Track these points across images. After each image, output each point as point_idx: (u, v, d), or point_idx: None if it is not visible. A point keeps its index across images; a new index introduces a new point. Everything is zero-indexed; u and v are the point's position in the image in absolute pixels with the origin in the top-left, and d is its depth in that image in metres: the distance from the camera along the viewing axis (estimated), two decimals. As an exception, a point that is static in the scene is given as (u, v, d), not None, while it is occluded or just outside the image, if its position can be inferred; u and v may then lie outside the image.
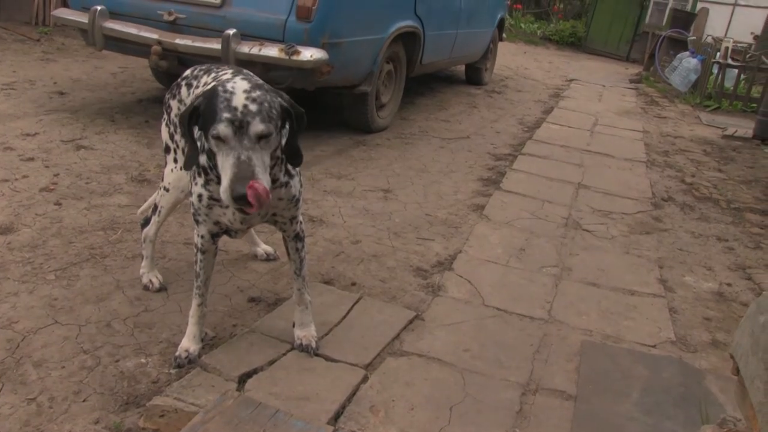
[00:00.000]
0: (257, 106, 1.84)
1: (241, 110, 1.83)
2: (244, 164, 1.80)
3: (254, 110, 1.84)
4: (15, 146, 4.30)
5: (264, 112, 1.85)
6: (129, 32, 4.78)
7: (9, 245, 3.05)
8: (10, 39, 7.37)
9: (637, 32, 15.40)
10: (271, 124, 1.85)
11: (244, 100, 1.84)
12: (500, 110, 7.65)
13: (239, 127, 1.82)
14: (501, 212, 4.18)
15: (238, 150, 1.82)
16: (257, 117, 1.83)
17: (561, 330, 2.87)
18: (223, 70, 2.41)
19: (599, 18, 16.15)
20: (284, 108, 1.95)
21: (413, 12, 5.72)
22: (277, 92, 1.97)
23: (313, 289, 2.81)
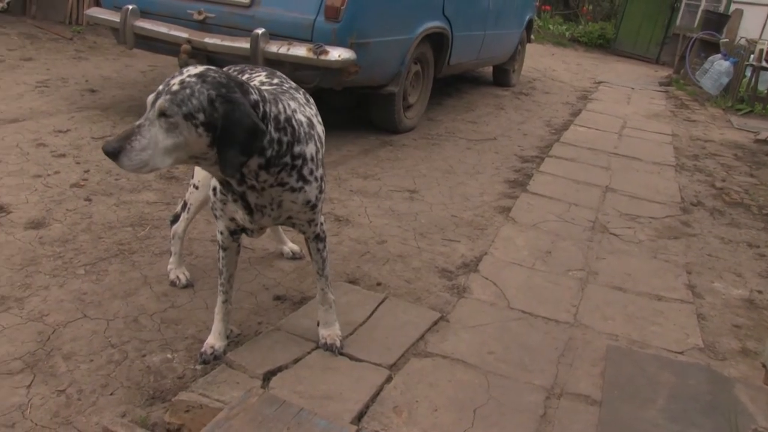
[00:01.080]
0: (178, 87, 1.81)
1: (166, 88, 1.82)
2: (131, 128, 1.80)
3: (172, 90, 1.81)
4: (48, 142, 4.37)
5: (179, 96, 1.80)
6: (159, 31, 4.84)
7: (41, 239, 3.10)
8: (45, 38, 7.49)
9: (668, 34, 15.21)
10: (178, 108, 1.79)
11: (177, 82, 1.83)
12: (527, 112, 7.60)
13: (155, 100, 1.82)
14: (527, 214, 4.15)
15: (143, 118, 1.82)
16: (168, 96, 1.80)
17: (586, 334, 2.84)
18: (257, 72, 2.42)
19: (629, 20, 16.00)
20: (214, 106, 1.82)
21: (441, 13, 5.71)
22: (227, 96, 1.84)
23: (338, 288, 2.81)
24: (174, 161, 1.86)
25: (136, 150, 1.77)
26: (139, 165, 1.78)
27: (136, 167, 1.79)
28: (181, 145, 1.82)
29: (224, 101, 1.83)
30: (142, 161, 1.78)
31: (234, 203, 2.14)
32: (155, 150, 1.79)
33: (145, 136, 1.78)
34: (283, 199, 2.13)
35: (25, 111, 4.99)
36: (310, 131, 2.15)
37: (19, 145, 4.25)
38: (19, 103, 5.15)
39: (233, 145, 1.84)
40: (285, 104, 2.05)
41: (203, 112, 1.81)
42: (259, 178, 2.02)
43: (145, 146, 1.78)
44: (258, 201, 2.10)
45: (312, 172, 2.14)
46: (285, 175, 2.06)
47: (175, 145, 1.82)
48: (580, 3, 19.56)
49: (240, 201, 2.11)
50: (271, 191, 2.08)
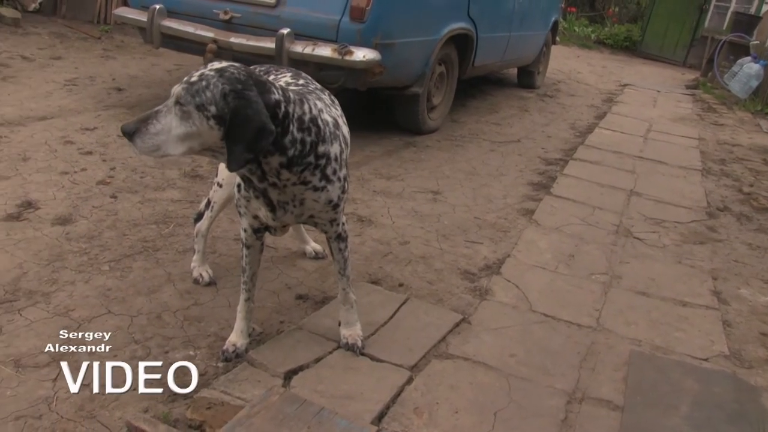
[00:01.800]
0: (196, 79, 1.86)
1: (186, 78, 1.88)
2: (150, 112, 1.86)
3: (191, 81, 1.86)
4: (75, 140, 4.43)
5: (195, 87, 1.85)
6: (186, 30, 4.88)
7: (67, 235, 3.14)
8: (74, 37, 7.59)
9: (695, 37, 15.02)
10: (192, 98, 1.84)
11: (197, 74, 1.87)
12: (552, 114, 7.56)
13: (174, 91, 1.87)
14: (551, 217, 4.13)
15: (162, 105, 1.87)
16: (185, 85, 1.85)
17: (609, 339, 2.81)
18: (282, 73, 2.44)
19: (656, 22, 15.83)
20: (226, 100, 1.84)
21: (466, 14, 5.69)
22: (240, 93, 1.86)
23: (360, 288, 2.82)
24: (187, 150, 1.90)
25: (151, 133, 1.83)
26: (152, 148, 1.84)
27: (149, 150, 1.85)
28: (193, 134, 1.87)
29: (236, 97, 1.85)
30: (155, 145, 1.84)
31: (257, 200, 2.15)
32: (168, 136, 1.84)
33: (161, 121, 1.84)
34: (305, 198, 2.13)
35: (53, 109, 5.06)
36: (336, 131, 2.16)
37: (47, 143, 4.30)
38: (48, 101, 5.22)
39: (240, 141, 1.86)
40: (311, 104, 2.06)
41: (215, 105, 1.84)
42: (281, 176, 2.03)
43: (159, 131, 1.84)
44: (280, 198, 2.11)
45: (335, 171, 2.14)
46: (308, 174, 2.07)
47: (187, 134, 1.86)
48: (606, 5, 19.39)
49: (262, 198, 2.13)
50: (293, 189, 2.09)
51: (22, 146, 4.18)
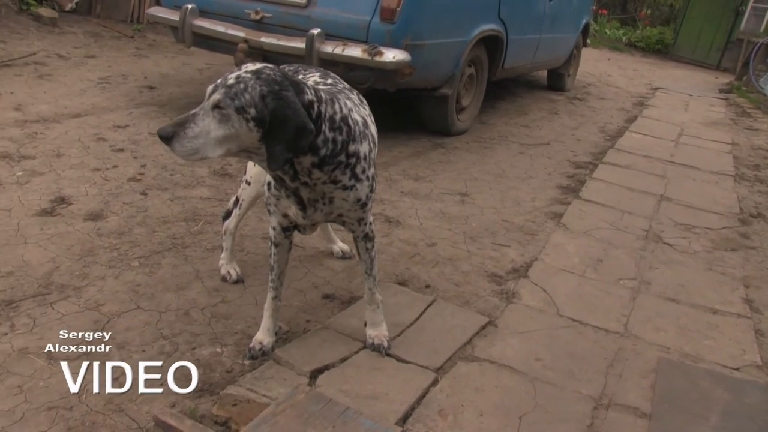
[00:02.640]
0: (234, 82, 1.86)
1: (222, 80, 1.88)
2: (187, 116, 1.85)
3: (228, 84, 1.86)
4: (107, 137, 4.49)
5: (233, 90, 1.85)
6: (217, 30, 4.92)
7: (98, 231, 3.19)
8: (108, 36, 7.70)
9: (731, 39, 14.76)
10: (231, 101, 1.84)
11: (233, 77, 1.88)
12: (581, 117, 7.49)
13: (212, 92, 1.87)
14: (579, 221, 4.09)
15: (199, 108, 1.87)
16: (223, 89, 1.85)
17: (637, 345, 2.78)
18: (311, 72, 2.45)
19: (689, 24, 15.60)
20: (265, 101, 1.86)
21: (497, 15, 5.66)
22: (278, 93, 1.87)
23: (386, 289, 2.82)
24: (225, 152, 1.90)
25: (189, 137, 1.83)
26: (190, 152, 1.84)
27: (187, 153, 1.85)
28: (231, 136, 1.87)
29: (275, 98, 1.86)
30: (193, 148, 1.84)
31: (287, 199, 2.16)
32: (206, 139, 1.84)
33: (199, 124, 1.84)
34: (334, 197, 2.14)
35: (87, 106, 5.13)
36: (365, 130, 2.17)
37: (80, 140, 4.37)
38: (81, 99, 5.30)
39: (280, 141, 1.88)
40: (341, 104, 2.07)
41: (254, 107, 1.85)
42: (312, 176, 2.04)
43: (197, 134, 1.83)
44: (310, 197, 2.13)
45: (364, 170, 2.15)
46: (339, 173, 2.08)
47: (226, 137, 1.86)
48: (638, 7, 19.19)
49: (293, 196, 2.14)
50: (323, 188, 2.10)
51: (57, 143, 4.25)
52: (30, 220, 3.22)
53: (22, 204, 3.36)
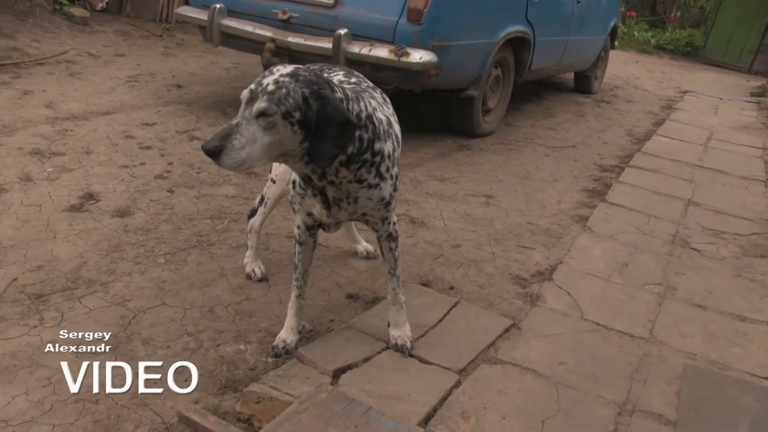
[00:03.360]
0: (274, 87, 1.85)
1: (261, 87, 1.85)
2: (229, 127, 1.82)
3: (269, 90, 1.84)
4: (135, 135, 4.54)
5: (277, 95, 1.83)
6: (245, 30, 4.96)
7: (125, 227, 3.22)
8: (137, 35, 7.79)
9: (763, 42, 14.49)
10: (277, 107, 1.83)
11: (271, 81, 1.86)
12: (608, 120, 7.42)
13: (251, 98, 1.84)
14: (605, 225, 4.05)
15: (239, 117, 1.85)
16: (266, 96, 1.83)
17: (662, 351, 2.74)
18: (335, 71, 2.45)
19: (720, 26, 15.35)
20: (308, 103, 1.87)
21: (524, 17, 5.63)
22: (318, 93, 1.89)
23: (410, 290, 2.81)
24: (269, 159, 1.91)
25: (236, 149, 1.80)
26: (238, 163, 1.82)
27: (236, 165, 1.83)
28: (276, 143, 1.87)
29: (317, 98, 1.87)
30: (241, 159, 1.82)
31: (312, 198, 2.17)
32: (253, 148, 1.83)
33: (244, 134, 1.82)
34: (359, 196, 2.15)
35: (115, 104, 5.20)
36: (389, 129, 2.18)
37: (109, 137, 4.43)
38: (110, 97, 5.37)
39: (327, 139, 1.88)
40: (366, 102, 2.08)
41: (299, 110, 1.86)
42: (339, 174, 2.05)
43: (243, 144, 1.81)
44: (335, 195, 2.14)
45: (388, 169, 2.16)
46: (364, 172, 2.09)
47: (271, 144, 1.86)
48: (668, 9, 18.96)
49: (319, 195, 2.15)
50: (348, 186, 2.11)
51: (86, 140, 4.31)
52: (59, 215, 3.27)
53: (52, 200, 3.41)
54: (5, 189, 3.47)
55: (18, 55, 6.10)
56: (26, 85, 5.40)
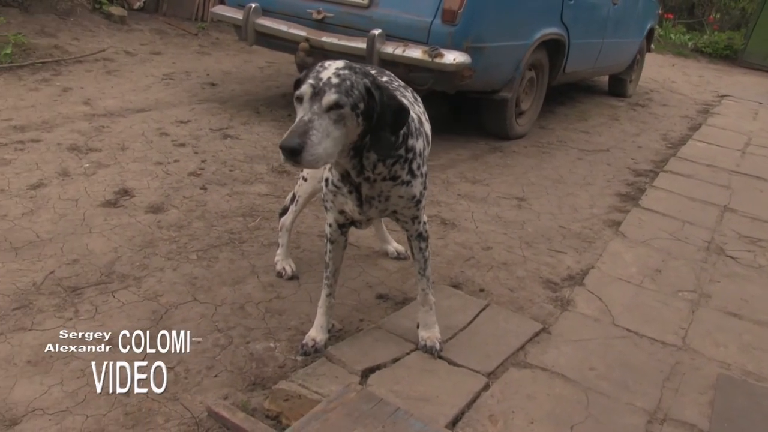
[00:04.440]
0: (338, 80, 1.85)
1: (324, 81, 1.85)
2: (303, 122, 1.81)
3: (334, 83, 1.84)
4: (170, 132, 4.60)
5: (343, 87, 1.84)
6: (279, 29, 4.99)
7: (159, 224, 3.26)
8: (173, 33, 7.89)
9: (808, 45, 14.16)
10: (347, 99, 1.84)
11: (332, 75, 1.87)
12: (643, 124, 7.32)
13: (316, 93, 1.84)
14: (638, 230, 4.00)
15: (308, 113, 1.83)
16: (333, 88, 1.83)
17: (695, 359, 2.70)
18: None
19: (762, 29, 14.98)
20: (370, 93, 1.90)
21: (559, 19, 5.58)
22: (375, 83, 1.94)
23: (440, 291, 2.81)
24: (336, 154, 1.90)
25: (315, 144, 1.79)
26: (317, 160, 1.82)
27: (315, 162, 1.83)
28: (343, 135, 1.88)
29: (376, 88, 1.90)
30: (319, 156, 1.81)
31: (348, 194, 2.18)
32: (327, 143, 1.83)
33: (318, 130, 1.81)
34: (390, 194, 2.16)
35: (151, 102, 5.27)
36: (420, 127, 2.20)
37: (144, 134, 4.49)
38: (146, 94, 5.45)
39: (386, 127, 1.92)
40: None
41: (363, 101, 1.88)
42: (375, 170, 2.07)
43: (320, 140, 1.81)
44: (368, 193, 2.15)
45: (419, 167, 2.18)
46: (398, 168, 2.10)
47: (340, 137, 1.87)
48: (707, 11, 18.63)
49: (354, 192, 2.15)
50: (381, 185, 2.12)
51: (122, 136, 4.38)
52: (95, 210, 3.32)
53: (88, 195, 3.47)
54: (44, 183, 3.54)
55: (59, 53, 6.22)
56: (66, 82, 5.50)
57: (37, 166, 3.75)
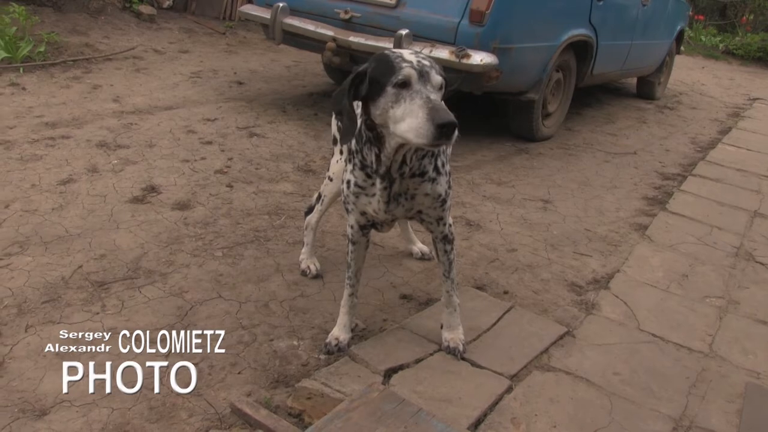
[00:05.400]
0: (429, 62, 1.89)
1: (416, 63, 1.87)
2: (437, 101, 1.82)
3: (428, 64, 1.88)
4: (197, 130, 4.64)
5: (436, 66, 1.88)
6: (307, 28, 5.00)
7: (185, 220, 3.29)
8: (201, 32, 7.96)
9: None
10: (443, 80, 1.88)
11: (415, 57, 1.89)
12: (671, 127, 7.23)
13: (421, 74, 1.85)
14: (665, 234, 3.95)
15: (425, 92, 1.84)
16: (434, 69, 1.86)
17: (722, 367, 2.66)
18: None
19: (798, 31, 14.73)
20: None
21: (587, 20, 5.54)
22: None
23: (464, 293, 2.80)
24: None
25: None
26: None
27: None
28: None
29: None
30: None
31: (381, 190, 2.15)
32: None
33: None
34: (417, 192, 2.17)
35: (178, 99, 5.32)
36: None
37: (171, 131, 4.54)
38: (174, 92, 5.50)
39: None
40: None
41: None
42: (409, 162, 2.07)
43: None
44: (396, 190, 2.15)
45: (444, 164, 2.19)
46: (426, 162, 2.11)
47: None
48: (739, 12, 18.35)
49: (389, 188, 2.14)
50: (409, 181, 2.12)
51: (149, 134, 4.43)
52: (122, 206, 3.36)
53: (116, 191, 3.52)
54: (73, 179, 3.60)
55: (89, 51, 6.31)
56: (96, 79, 5.58)
57: (67, 162, 3.81)
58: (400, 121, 1.85)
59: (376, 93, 1.90)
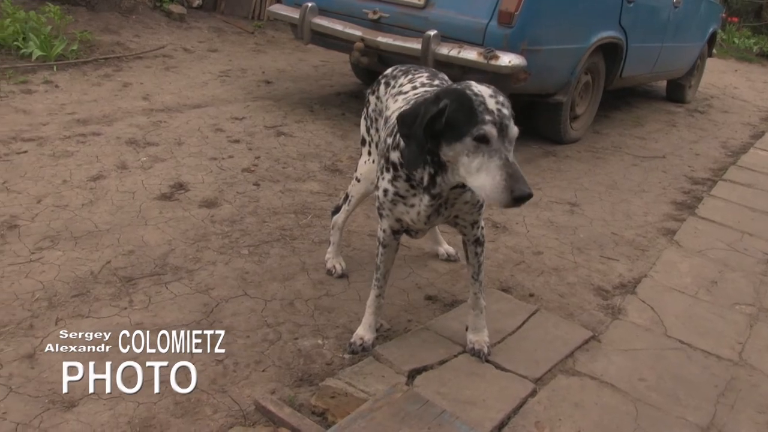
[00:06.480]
0: (508, 110, 1.86)
1: (497, 113, 1.84)
2: (515, 166, 1.81)
3: (507, 114, 1.86)
4: (225, 128, 4.68)
5: (512, 116, 1.87)
6: (335, 28, 5.02)
7: (212, 218, 3.32)
8: (230, 31, 8.02)
9: None
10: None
11: (495, 104, 1.86)
12: (702, 131, 7.14)
13: (501, 129, 1.83)
14: (693, 239, 3.90)
15: (503, 151, 1.83)
16: (511, 120, 1.85)
17: (752, 376, 2.61)
18: (419, 73, 2.47)
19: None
20: None
21: (617, 22, 5.48)
22: None
23: (489, 295, 2.78)
24: None
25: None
26: None
27: None
28: None
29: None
30: None
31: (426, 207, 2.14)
32: None
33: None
34: (457, 201, 2.17)
35: (207, 98, 5.37)
36: None
37: (200, 129, 4.58)
38: (203, 91, 5.55)
39: None
40: None
41: None
42: None
43: None
44: (440, 202, 2.15)
45: None
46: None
47: None
48: (774, 15, 18.02)
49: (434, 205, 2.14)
50: (450, 192, 2.12)
51: (178, 132, 4.47)
52: (151, 203, 3.40)
53: (144, 188, 3.56)
54: (103, 176, 3.64)
55: (120, 50, 6.39)
56: (126, 77, 5.65)
57: (97, 159, 3.86)
58: (474, 174, 1.85)
59: (453, 138, 1.88)
